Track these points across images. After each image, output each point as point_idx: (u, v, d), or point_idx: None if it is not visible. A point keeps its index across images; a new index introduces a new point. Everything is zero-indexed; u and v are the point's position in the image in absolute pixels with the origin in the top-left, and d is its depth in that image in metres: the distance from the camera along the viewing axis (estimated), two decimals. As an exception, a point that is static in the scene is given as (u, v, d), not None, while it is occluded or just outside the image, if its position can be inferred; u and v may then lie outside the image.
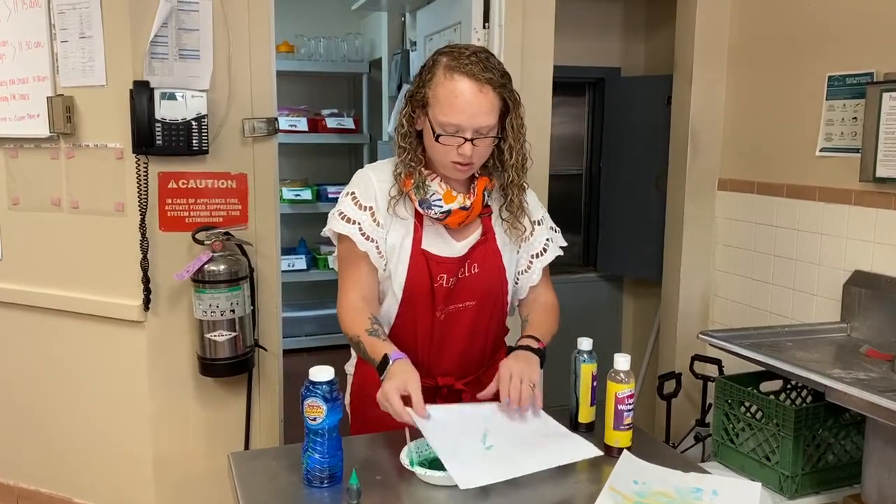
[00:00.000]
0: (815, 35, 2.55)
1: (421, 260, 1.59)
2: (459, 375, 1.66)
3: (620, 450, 1.44)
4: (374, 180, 1.61)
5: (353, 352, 1.74)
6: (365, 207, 1.58)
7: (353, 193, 1.60)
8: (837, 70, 2.47)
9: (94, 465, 2.48)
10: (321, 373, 1.20)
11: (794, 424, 2.09)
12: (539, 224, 1.75)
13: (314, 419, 1.19)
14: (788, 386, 2.41)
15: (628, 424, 1.42)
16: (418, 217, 1.60)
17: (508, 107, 1.56)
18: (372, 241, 1.58)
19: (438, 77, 1.50)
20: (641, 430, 1.52)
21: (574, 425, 1.52)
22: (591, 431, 1.51)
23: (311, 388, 1.19)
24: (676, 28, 3.01)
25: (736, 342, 2.23)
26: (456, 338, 1.64)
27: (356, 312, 1.57)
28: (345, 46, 4.66)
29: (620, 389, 1.41)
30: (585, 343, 1.48)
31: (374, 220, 1.58)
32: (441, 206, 1.57)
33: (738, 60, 2.88)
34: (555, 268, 1.83)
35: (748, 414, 2.32)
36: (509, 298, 1.72)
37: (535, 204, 1.77)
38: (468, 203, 1.59)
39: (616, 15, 3.61)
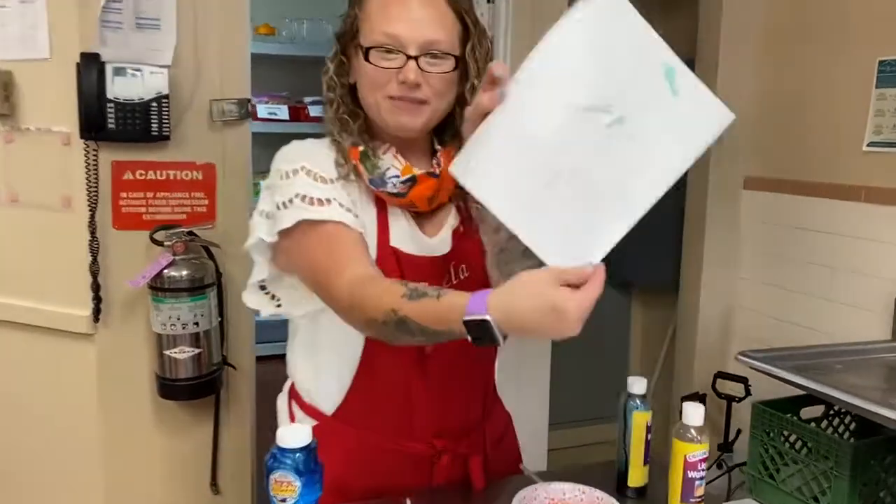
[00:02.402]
0: (863, 14, 2.27)
1: (391, 263, 1.20)
2: (461, 434, 1.28)
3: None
4: (315, 150, 1.24)
5: (289, 380, 1.38)
6: (330, 180, 1.20)
7: (303, 168, 1.19)
8: (890, 54, 2.19)
9: (38, 497, 2.17)
10: (293, 436, 0.88)
11: (850, 463, 1.81)
12: None
13: (283, 500, 0.87)
14: (831, 412, 2.15)
15: (700, 497, 1.12)
16: (378, 203, 1.23)
17: (469, 32, 1.21)
18: (357, 217, 1.19)
19: None
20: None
21: (621, 490, 1.21)
22: (643, 498, 1.21)
23: (278, 456, 0.87)
24: (700, 9, 2.73)
25: (779, 364, 1.95)
26: (454, 377, 1.26)
27: (372, 285, 1.09)
28: (330, 29, 4.32)
29: (691, 451, 1.11)
30: (638, 385, 1.17)
31: (348, 195, 1.21)
32: (400, 178, 1.21)
33: (770, 45, 2.60)
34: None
35: (787, 444, 2.05)
36: None
37: None
38: (437, 171, 1.23)
39: (629, -3, 3.33)
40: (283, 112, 4.21)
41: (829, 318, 2.39)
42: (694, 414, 1.13)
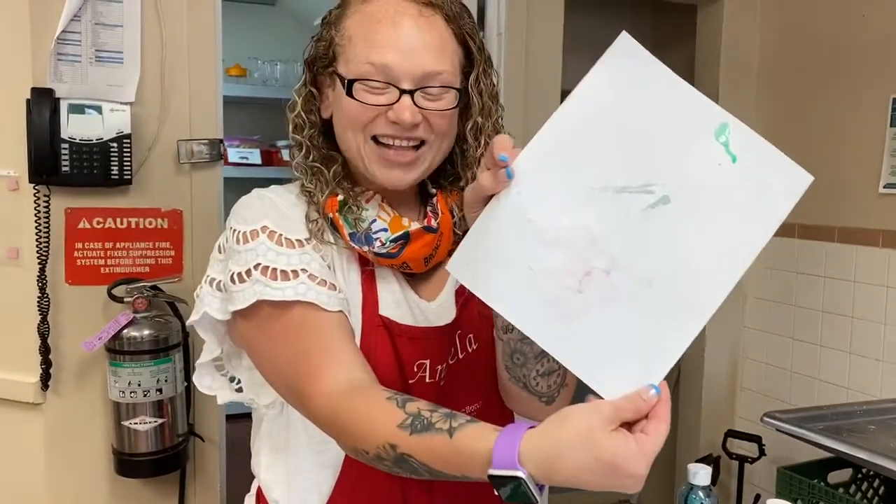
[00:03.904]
0: (872, 50, 2.17)
1: (381, 337, 0.98)
2: None
3: None
4: (280, 202, 1.01)
5: (254, 472, 1.13)
6: (298, 242, 0.96)
7: (265, 228, 0.96)
8: (905, 91, 2.08)
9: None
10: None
11: (895, 537, 1.64)
12: None
13: None
14: (859, 475, 2.00)
15: None
16: (362, 260, 1.01)
17: (472, 59, 1.01)
18: (335, 288, 0.96)
19: (349, 7, 0.98)
20: None
21: None
22: None
23: None
24: (697, 45, 2.62)
25: (809, 427, 1.80)
26: (463, 485, 0.96)
27: (358, 403, 0.85)
28: (303, 71, 4.22)
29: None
30: (702, 475, 0.98)
31: (322, 258, 0.98)
32: (388, 235, 0.99)
33: (773, 81, 2.49)
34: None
35: (817, 514, 1.88)
36: None
37: None
38: (434, 224, 1.01)
39: (620, 32, 3.23)
40: (254, 156, 4.04)
41: (848, 371, 2.25)
42: None
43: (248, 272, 0.94)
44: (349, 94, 0.94)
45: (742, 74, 2.54)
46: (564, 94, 2.36)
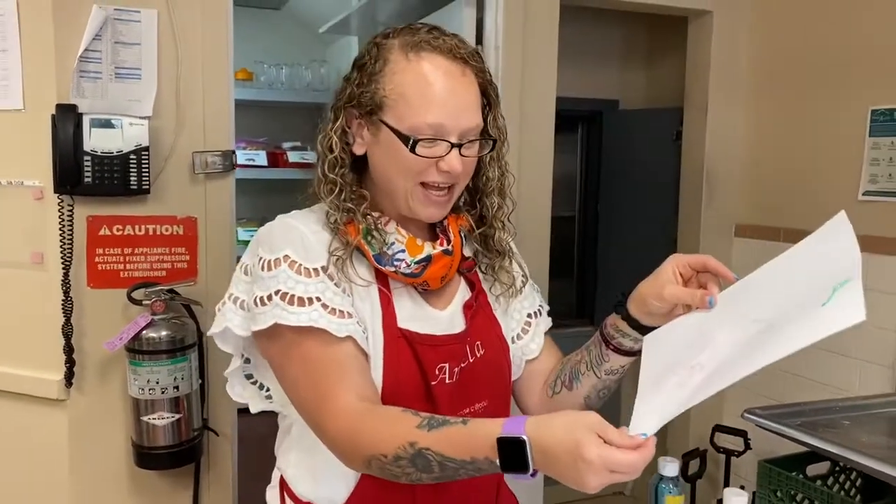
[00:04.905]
0: (854, 63, 2.26)
1: (402, 347, 1.09)
2: None
3: None
4: (304, 230, 1.09)
5: (277, 471, 1.25)
6: (314, 271, 1.06)
7: (286, 257, 1.06)
8: (883, 103, 2.17)
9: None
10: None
11: (866, 526, 1.74)
12: (524, 274, 1.28)
13: None
14: (837, 468, 2.09)
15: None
16: (381, 280, 1.12)
17: (489, 100, 1.13)
18: (348, 315, 1.06)
19: (396, 62, 1.06)
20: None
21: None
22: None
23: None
24: (688, 55, 2.71)
25: (786, 422, 1.89)
26: None
27: (374, 416, 0.98)
28: (309, 74, 4.30)
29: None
30: (670, 467, 1.10)
31: (336, 284, 1.07)
32: (406, 258, 1.10)
33: (761, 91, 2.59)
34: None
35: (794, 503, 1.98)
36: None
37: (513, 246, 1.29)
38: (449, 247, 1.14)
39: (613, 43, 3.32)
40: (260, 158, 4.11)
41: (832, 370, 2.34)
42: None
43: (270, 297, 1.04)
44: (413, 150, 1.04)
45: (731, 84, 2.62)
46: (559, 101, 2.46)
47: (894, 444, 1.86)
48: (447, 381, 1.11)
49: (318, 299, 1.04)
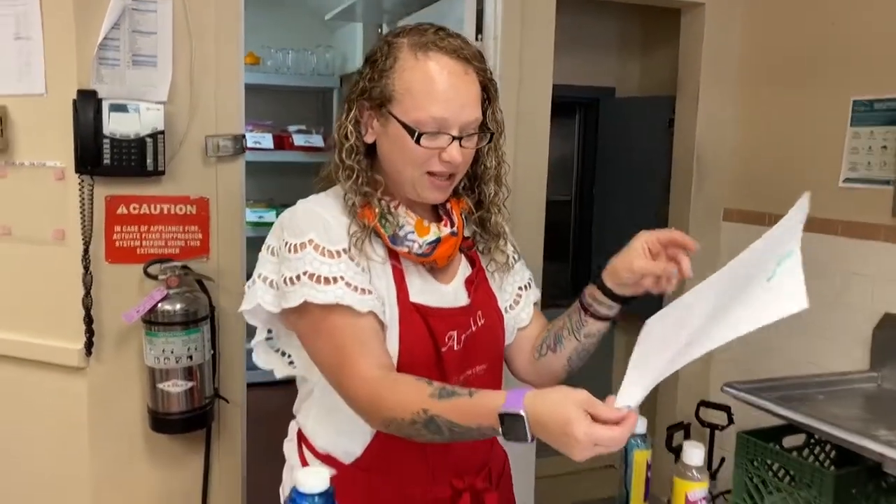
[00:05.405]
0: (838, 56, 2.35)
1: (415, 318, 1.21)
2: (477, 471, 1.31)
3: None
4: (325, 216, 1.20)
5: (295, 424, 1.38)
6: (337, 253, 1.17)
7: (311, 241, 1.16)
8: (863, 94, 2.27)
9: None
10: (312, 480, 0.91)
11: (833, 492, 1.85)
12: (516, 252, 1.42)
13: (303, 542, 0.89)
14: (812, 440, 2.20)
15: (700, 532, 1.16)
16: (393, 258, 1.23)
17: (488, 96, 1.24)
18: (368, 292, 1.17)
19: (405, 60, 1.16)
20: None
21: (621, 525, 1.26)
22: (642, 533, 1.25)
23: (298, 501, 0.90)
24: (681, 45, 2.80)
25: (763, 395, 2.00)
26: None
27: (393, 384, 1.10)
28: (314, 59, 4.39)
29: (692, 489, 1.15)
30: (640, 425, 1.21)
31: (357, 264, 1.18)
32: (417, 239, 1.21)
33: (750, 81, 2.68)
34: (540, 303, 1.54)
35: (771, 473, 2.09)
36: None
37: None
38: (454, 229, 1.26)
39: (610, 32, 3.40)
40: (267, 141, 4.21)
41: (810, 349, 2.45)
42: (694, 454, 1.17)
43: (298, 277, 1.15)
44: (417, 142, 1.15)
45: (721, 74, 2.71)
46: (558, 88, 2.55)
47: (866, 417, 1.96)
48: (455, 347, 1.23)
49: (342, 278, 1.15)
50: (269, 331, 1.33)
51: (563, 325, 1.34)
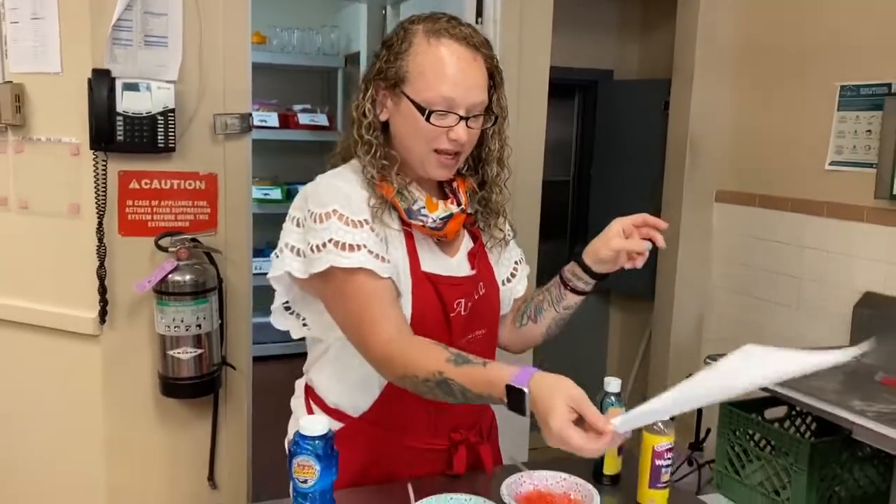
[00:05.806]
0: (826, 42, 2.42)
1: (426, 286, 1.31)
2: (471, 426, 1.43)
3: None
4: (346, 189, 1.29)
5: (303, 382, 1.48)
6: (360, 223, 1.26)
7: (335, 211, 1.25)
8: (850, 80, 2.34)
9: (40, 494, 2.25)
10: (313, 425, 1.00)
11: (808, 460, 1.95)
12: (512, 229, 1.53)
13: (304, 481, 0.99)
14: (793, 412, 2.29)
15: (666, 482, 1.25)
16: (405, 233, 1.33)
17: (494, 82, 1.33)
18: (387, 261, 1.27)
19: (419, 45, 1.26)
20: (676, 488, 1.34)
21: (597, 477, 1.35)
22: (617, 485, 1.34)
23: (301, 443, 0.99)
24: (676, 30, 2.86)
25: (745, 368, 2.08)
26: None
27: (411, 345, 1.20)
28: (319, 39, 4.46)
29: (658, 442, 1.24)
30: (613, 384, 1.31)
31: (377, 235, 1.28)
32: (430, 215, 1.32)
33: (742, 66, 2.75)
34: (539, 279, 1.67)
35: (752, 442, 2.19)
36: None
37: None
38: (462, 206, 1.37)
39: (610, 15, 3.46)
40: (272, 119, 4.28)
41: (795, 325, 2.54)
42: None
43: (324, 244, 1.24)
44: (427, 119, 1.25)
45: (715, 58, 2.77)
46: (558, 70, 2.63)
47: (844, 390, 2.05)
48: (462, 313, 1.34)
49: (365, 246, 1.25)
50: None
51: (543, 298, 1.45)
